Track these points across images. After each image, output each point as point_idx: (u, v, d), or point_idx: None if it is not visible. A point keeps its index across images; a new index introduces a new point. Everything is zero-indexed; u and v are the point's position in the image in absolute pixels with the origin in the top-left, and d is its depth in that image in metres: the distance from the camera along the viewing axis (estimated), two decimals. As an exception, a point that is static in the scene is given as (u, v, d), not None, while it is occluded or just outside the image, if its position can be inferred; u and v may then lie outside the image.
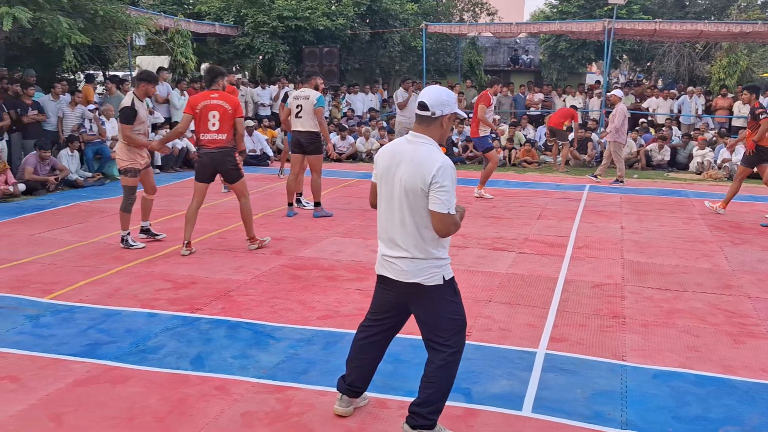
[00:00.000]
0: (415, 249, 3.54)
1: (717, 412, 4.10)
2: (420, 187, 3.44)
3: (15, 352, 4.89)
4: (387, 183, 3.60)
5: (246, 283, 6.52)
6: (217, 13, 19.81)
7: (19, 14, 10.67)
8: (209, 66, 8.27)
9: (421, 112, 3.54)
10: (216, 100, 7.40)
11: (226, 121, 7.38)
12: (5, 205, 10.28)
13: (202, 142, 7.45)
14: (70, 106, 12.77)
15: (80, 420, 3.92)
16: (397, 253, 3.59)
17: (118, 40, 14.30)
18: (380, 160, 3.65)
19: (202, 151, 7.48)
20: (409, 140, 3.57)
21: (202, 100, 7.42)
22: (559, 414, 4.04)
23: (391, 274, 3.64)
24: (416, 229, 3.51)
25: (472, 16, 27.24)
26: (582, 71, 28.73)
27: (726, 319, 5.70)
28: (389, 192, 3.59)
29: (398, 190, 3.53)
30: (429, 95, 3.54)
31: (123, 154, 7.70)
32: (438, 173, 3.39)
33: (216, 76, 7.57)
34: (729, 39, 20.95)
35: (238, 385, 4.38)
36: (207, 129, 7.38)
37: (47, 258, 7.32)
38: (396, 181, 3.54)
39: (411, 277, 3.56)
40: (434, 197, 3.41)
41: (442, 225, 3.44)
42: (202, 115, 7.36)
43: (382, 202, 3.66)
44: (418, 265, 3.55)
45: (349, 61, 21.51)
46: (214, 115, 7.35)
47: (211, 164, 7.49)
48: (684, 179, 14.13)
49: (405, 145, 3.57)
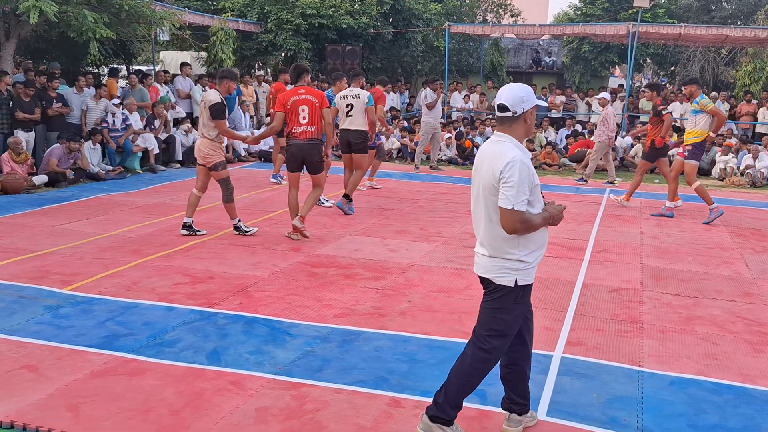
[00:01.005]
0: (489, 246, 3.59)
1: (734, 422, 4.06)
2: (492, 183, 3.48)
3: (34, 341, 4.94)
4: (474, 182, 3.67)
5: (263, 279, 6.54)
6: (241, 9, 19.90)
7: (46, 7, 10.77)
8: (295, 64, 8.70)
9: (502, 114, 3.54)
10: (304, 95, 7.93)
11: (315, 114, 7.92)
12: (28, 196, 10.38)
13: (294, 135, 7.93)
14: (94, 99, 12.88)
15: (96, 411, 3.95)
16: (479, 249, 3.69)
17: (143, 34, 14.39)
18: (475, 161, 3.70)
19: (292, 142, 7.95)
20: (493, 140, 3.62)
21: (291, 96, 7.92)
22: (573, 418, 4.02)
23: (475, 268, 3.72)
24: (492, 226, 3.56)
25: (496, 17, 27.13)
26: (605, 74, 28.54)
27: (745, 327, 5.64)
28: (475, 190, 3.65)
29: (480, 188, 3.59)
30: (507, 96, 3.52)
31: (208, 149, 7.99)
32: (506, 168, 3.40)
33: (301, 72, 8.11)
34: (755, 44, 20.72)
35: (254, 381, 4.40)
36: (298, 122, 7.89)
37: (67, 249, 7.39)
38: (477, 180, 3.62)
39: (485, 271, 3.64)
40: (500, 193, 3.44)
41: (507, 221, 3.44)
42: (293, 109, 7.87)
43: (472, 200, 3.72)
44: (492, 262, 3.60)
45: (372, 60, 21.50)
46: (304, 109, 7.88)
47: (300, 154, 7.96)
48: (706, 185, 13.98)
49: (489, 145, 3.62)
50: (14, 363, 4.57)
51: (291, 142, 7.99)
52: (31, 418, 3.85)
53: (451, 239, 8.33)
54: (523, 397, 3.84)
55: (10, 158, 10.84)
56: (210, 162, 8.01)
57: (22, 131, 11.63)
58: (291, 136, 7.97)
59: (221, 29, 17.07)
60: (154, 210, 9.56)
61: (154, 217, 9.11)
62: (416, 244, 8.06)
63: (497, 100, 3.56)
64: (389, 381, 4.43)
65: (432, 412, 3.69)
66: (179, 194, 10.85)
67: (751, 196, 12.84)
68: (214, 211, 9.62)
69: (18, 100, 11.57)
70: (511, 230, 3.45)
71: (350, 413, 4.00)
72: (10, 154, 10.86)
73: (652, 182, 13.85)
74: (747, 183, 14.00)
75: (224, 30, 17.14)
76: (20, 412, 3.92)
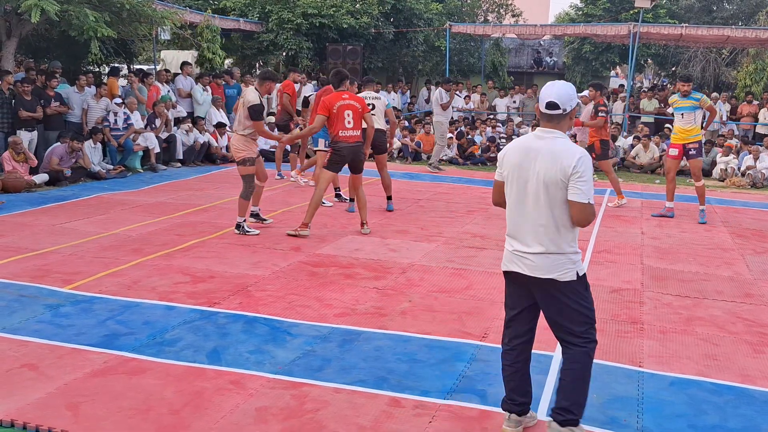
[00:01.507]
0: (550, 244, 3.56)
1: (734, 422, 4.06)
2: (560, 178, 3.48)
3: (34, 340, 4.94)
4: (519, 179, 3.60)
5: (264, 278, 6.55)
6: (242, 8, 19.90)
7: (47, 6, 10.78)
8: (336, 69, 8.94)
9: (551, 111, 3.55)
10: (348, 101, 8.28)
11: (358, 119, 8.31)
12: (28, 195, 10.39)
13: (341, 138, 8.21)
14: (95, 98, 12.88)
15: (96, 410, 3.96)
16: (531, 249, 3.60)
17: (144, 33, 14.41)
18: (509, 157, 3.66)
19: (342, 145, 8.22)
20: (540, 136, 3.59)
21: (336, 101, 8.22)
22: (574, 419, 4.01)
23: (525, 269, 3.64)
24: (553, 223, 3.55)
25: (497, 17, 27.12)
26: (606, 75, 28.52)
27: (746, 328, 5.64)
28: (521, 188, 3.60)
29: (534, 184, 3.54)
30: (557, 94, 3.55)
31: (240, 144, 8.16)
32: (579, 164, 3.46)
33: (343, 78, 8.46)
34: (756, 45, 20.71)
35: (254, 380, 4.40)
36: (344, 126, 8.21)
37: (68, 248, 7.39)
38: (531, 176, 3.55)
39: (546, 272, 3.58)
40: (574, 187, 3.47)
41: (583, 215, 3.51)
42: (338, 114, 8.18)
43: (512, 199, 3.66)
44: (553, 261, 3.57)
45: (373, 59, 21.50)
46: (349, 113, 8.22)
47: (349, 156, 8.32)
48: (706, 186, 13.98)
49: (536, 141, 3.59)
50: (14, 362, 4.58)
51: (340, 145, 8.25)
52: (31, 416, 3.86)
53: (451, 239, 8.33)
54: (524, 396, 3.84)
55: (11, 157, 10.84)
56: (239, 157, 8.20)
57: (25, 131, 11.63)
58: (339, 139, 8.23)
59: (206, 27, 16.96)
60: (154, 209, 9.56)
61: (155, 216, 9.11)
62: (417, 243, 8.06)
63: (546, 98, 3.56)
64: (389, 381, 4.43)
65: (561, 418, 3.68)
66: (180, 193, 10.86)
67: (752, 196, 12.84)
68: (214, 210, 9.63)
69: (20, 99, 11.57)
70: (585, 223, 3.55)
71: (350, 413, 4.00)
72: (11, 153, 10.86)
73: (653, 182, 13.85)
74: (748, 184, 13.99)
75: (210, 28, 17.01)
76: (20, 410, 3.92)
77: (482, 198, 11.29)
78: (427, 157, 15.68)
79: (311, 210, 8.24)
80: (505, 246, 3.76)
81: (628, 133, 17.22)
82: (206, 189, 11.37)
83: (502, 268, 3.79)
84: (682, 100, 9.92)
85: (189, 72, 15.47)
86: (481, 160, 16.02)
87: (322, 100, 8.42)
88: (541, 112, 3.60)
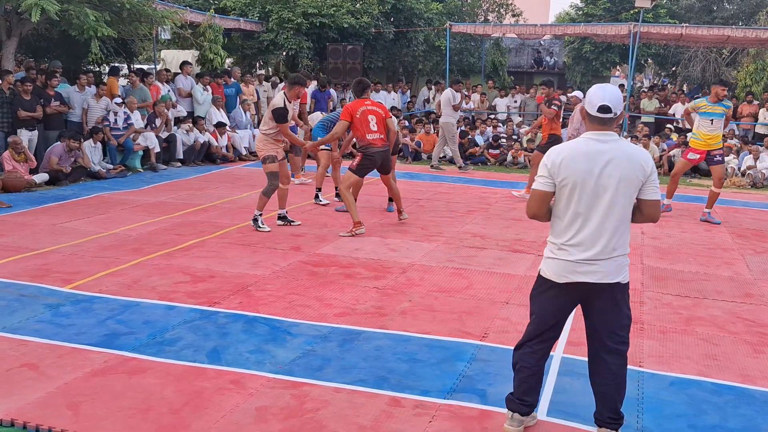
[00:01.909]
0: (620, 246, 3.56)
1: (734, 422, 4.06)
2: (639, 178, 3.50)
3: (35, 340, 4.94)
4: (588, 185, 3.49)
5: (264, 278, 6.55)
6: (242, 8, 19.89)
7: (47, 6, 10.77)
8: (359, 79, 9.16)
9: (604, 114, 3.52)
10: (371, 107, 8.57)
11: (382, 124, 8.55)
12: (28, 194, 10.39)
13: (370, 142, 8.43)
14: (95, 98, 12.88)
15: (96, 409, 3.96)
16: (602, 255, 3.53)
17: (144, 33, 14.40)
18: (572, 165, 3.50)
19: (373, 149, 8.43)
20: (601, 140, 3.52)
21: (359, 107, 8.48)
22: (574, 418, 4.02)
23: (593, 277, 3.55)
24: (623, 224, 3.56)
25: (497, 17, 27.12)
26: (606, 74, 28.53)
27: (746, 328, 5.64)
28: (592, 193, 3.50)
29: (611, 188, 3.48)
30: (610, 98, 3.52)
31: (261, 144, 8.49)
32: (652, 163, 3.55)
33: (366, 87, 8.79)
34: (756, 45, 20.71)
35: (254, 380, 4.40)
36: (370, 130, 8.43)
37: (68, 248, 7.39)
38: (604, 180, 3.48)
39: (614, 276, 3.56)
40: (652, 186, 3.54)
41: (656, 211, 3.61)
42: (362, 119, 8.42)
43: (578, 206, 3.53)
44: (620, 264, 3.57)
45: (373, 59, 21.50)
46: (372, 118, 8.46)
47: (380, 160, 8.52)
48: (707, 185, 13.99)
49: (600, 145, 3.51)
50: (15, 361, 4.58)
51: (371, 150, 8.43)
52: (32, 416, 3.86)
53: (451, 239, 8.33)
54: (535, 397, 3.82)
55: (11, 157, 10.84)
56: (261, 155, 8.47)
57: (26, 130, 11.63)
58: (368, 143, 8.43)
59: (209, 27, 16.97)
60: (154, 209, 9.57)
61: (155, 215, 9.11)
62: (417, 243, 8.06)
63: (598, 101, 3.52)
64: (389, 380, 4.43)
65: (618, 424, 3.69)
66: (180, 193, 10.86)
67: (752, 196, 12.84)
68: (215, 210, 9.63)
69: (19, 99, 11.56)
70: (657, 218, 3.65)
71: (350, 412, 4.01)
72: (11, 153, 10.86)
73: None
74: (748, 184, 13.99)
75: (212, 27, 17.02)
76: (20, 410, 3.92)
77: (482, 198, 11.30)
78: (428, 156, 15.69)
79: (352, 210, 8.41)
80: (559, 257, 3.60)
81: (628, 133, 17.21)
82: (206, 189, 11.37)
83: (559, 280, 3.61)
84: (711, 105, 9.62)
85: (189, 71, 15.47)
86: (481, 160, 16.01)
87: (345, 107, 8.69)
88: (592, 115, 3.55)
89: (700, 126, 9.80)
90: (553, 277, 3.63)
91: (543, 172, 3.59)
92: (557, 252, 3.62)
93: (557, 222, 3.63)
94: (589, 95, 3.60)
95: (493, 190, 12.00)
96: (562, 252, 3.59)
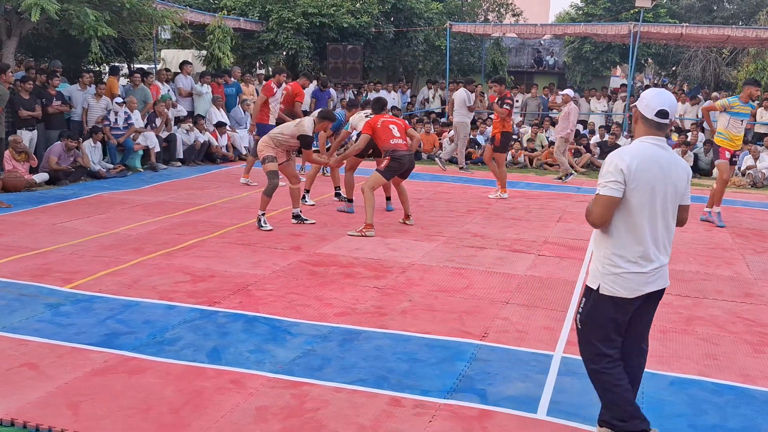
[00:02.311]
0: (670, 251, 3.59)
1: (734, 422, 4.06)
2: (684, 185, 3.55)
3: (35, 339, 4.94)
4: (658, 191, 3.43)
5: (264, 277, 6.55)
6: (242, 8, 19.89)
7: (47, 5, 10.77)
8: (378, 97, 9.61)
9: (662, 119, 3.46)
10: (390, 119, 9.02)
11: (403, 132, 8.82)
12: (28, 194, 10.39)
13: (396, 146, 8.61)
14: (95, 97, 12.87)
15: (96, 409, 3.96)
16: (663, 262, 3.53)
17: (144, 33, 14.40)
18: (644, 171, 3.39)
19: (400, 153, 8.58)
20: (661, 145, 3.49)
21: (379, 119, 8.85)
22: (574, 418, 4.02)
23: (659, 285, 3.53)
24: (673, 230, 3.61)
25: (497, 17, 27.13)
26: (606, 74, 28.57)
27: (746, 328, 5.64)
28: (659, 200, 3.44)
29: (671, 194, 3.48)
30: (670, 103, 3.46)
31: (262, 145, 8.65)
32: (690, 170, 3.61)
33: (384, 104, 9.29)
34: (757, 44, 20.72)
35: (254, 380, 4.40)
36: (393, 136, 8.67)
37: (68, 248, 7.39)
38: (668, 188, 3.45)
39: (666, 281, 3.58)
40: (689, 192, 3.61)
41: (688, 214, 3.72)
42: (383, 127, 8.71)
43: (649, 214, 3.44)
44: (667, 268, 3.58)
45: (373, 59, 21.50)
46: (393, 127, 8.74)
47: (408, 163, 8.69)
48: (706, 185, 13.99)
49: (660, 151, 3.47)
50: (15, 361, 4.58)
51: (399, 153, 8.56)
52: (32, 416, 3.86)
53: (451, 239, 8.33)
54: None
55: (12, 156, 10.83)
56: (260, 155, 8.60)
57: (26, 130, 11.62)
58: (394, 147, 8.59)
59: (218, 27, 16.99)
60: (154, 208, 9.56)
61: (155, 215, 9.11)
62: (417, 243, 8.06)
63: (657, 106, 3.44)
64: (389, 380, 4.43)
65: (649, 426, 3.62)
66: (180, 192, 10.86)
67: (752, 196, 12.84)
68: (215, 209, 9.63)
69: (19, 98, 11.55)
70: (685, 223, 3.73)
71: (350, 412, 4.01)
72: (11, 152, 10.86)
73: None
74: (748, 183, 13.99)
75: (221, 28, 17.05)
76: (20, 410, 3.92)
77: (482, 198, 11.30)
78: (428, 156, 15.72)
79: (369, 211, 8.44)
80: (630, 270, 3.45)
81: (629, 133, 17.20)
82: (206, 188, 11.37)
83: (633, 295, 3.47)
84: (744, 106, 9.45)
85: (189, 71, 15.47)
86: (480, 160, 15.98)
87: (367, 122, 8.92)
88: (648, 119, 3.47)
89: (729, 126, 9.51)
90: (626, 293, 3.46)
91: (617, 177, 3.38)
92: (627, 265, 3.45)
93: (622, 232, 3.46)
94: (646, 99, 3.50)
95: (494, 189, 11.97)
96: (633, 265, 3.45)
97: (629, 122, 18.69)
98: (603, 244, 3.53)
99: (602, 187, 3.42)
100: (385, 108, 9.20)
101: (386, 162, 8.59)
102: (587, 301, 3.58)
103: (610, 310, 3.50)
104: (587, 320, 3.58)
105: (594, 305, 3.54)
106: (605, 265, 3.49)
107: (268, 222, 8.52)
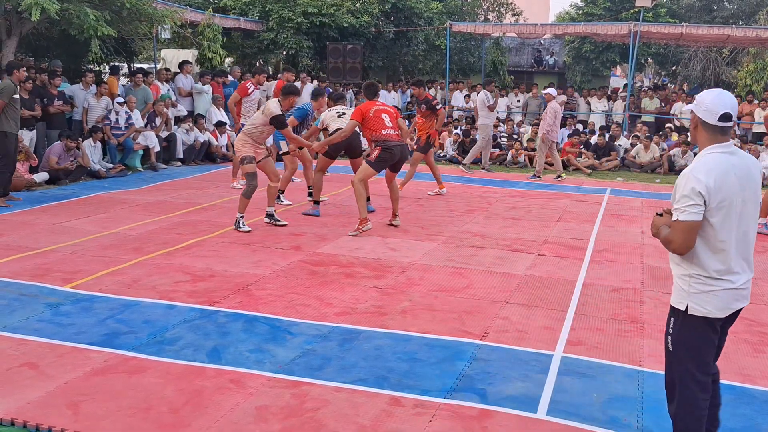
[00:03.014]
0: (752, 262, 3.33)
1: (734, 422, 4.06)
2: (759, 187, 3.30)
3: (35, 339, 4.94)
4: (733, 204, 3.18)
5: (264, 277, 6.55)
6: (242, 8, 19.90)
7: (47, 5, 10.77)
8: (369, 82, 9.39)
9: (726, 123, 3.19)
10: (382, 106, 8.74)
11: (395, 121, 8.61)
12: (28, 193, 10.39)
13: (388, 136, 8.43)
14: (95, 97, 12.87)
15: (97, 409, 3.96)
16: (749, 276, 3.29)
17: (144, 32, 14.40)
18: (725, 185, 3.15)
19: (391, 143, 8.40)
20: (731, 152, 3.22)
21: (371, 106, 8.59)
22: (573, 418, 4.02)
23: (746, 301, 3.31)
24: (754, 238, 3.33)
25: (497, 16, 27.14)
26: (606, 74, 28.55)
27: (746, 328, 5.64)
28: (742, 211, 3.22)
29: (750, 202, 3.24)
30: (731, 105, 3.20)
31: (240, 144, 8.47)
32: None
33: (377, 90, 9.10)
34: (756, 44, 20.72)
35: (254, 379, 4.40)
36: (385, 125, 8.46)
37: (68, 247, 7.39)
38: (746, 193, 3.21)
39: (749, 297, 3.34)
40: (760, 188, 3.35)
41: None
42: (375, 116, 8.47)
43: (736, 227, 3.20)
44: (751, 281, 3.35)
45: (373, 58, 21.51)
46: (385, 117, 8.52)
47: (399, 154, 8.50)
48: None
49: (732, 158, 3.20)
50: (15, 360, 4.58)
51: (390, 144, 8.39)
52: (32, 415, 3.86)
53: (451, 238, 8.32)
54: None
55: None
56: (239, 155, 8.48)
57: (26, 129, 11.61)
58: (386, 137, 8.41)
59: (208, 26, 16.94)
60: (154, 208, 9.57)
61: (155, 215, 9.11)
62: (417, 242, 8.06)
63: (720, 109, 3.18)
64: (389, 380, 4.43)
65: None
66: (180, 192, 10.86)
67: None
68: (215, 209, 9.63)
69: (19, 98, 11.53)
70: None
71: (350, 412, 4.00)
72: (11, 151, 10.85)
73: (653, 182, 13.84)
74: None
75: (211, 27, 16.98)
76: (20, 409, 3.92)
77: (482, 197, 11.30)
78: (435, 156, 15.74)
79: (361, 205, 8.37)
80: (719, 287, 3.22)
81: (629, 133, 17.21)
82: (206, 188, 11.37)
83: (723, 314, 3.27)
84: None
85: (189, 71, 15.47)
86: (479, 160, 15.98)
87: (358, 107, 8.72)
88: (711, 125, 3.20)
89: None
90: (717, 312, 3.24)
91: (696, 200, 3.12)
92: (715, 282, 3.21)
93: (706, 250, 3.21)
94: (705, 103, 3.23)
95: (493, 189, 12.00)
96: (722, 282, 3.21)
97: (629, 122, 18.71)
98: (686, 263, 3.28)
99: (681, 212, 3.16)
100: (378, 94, 8.98)
101: (377, 152, 8.40)
102: (675, 322, 3.35)
103: (702, 331, 3.29)
104: (678, 343, 3.36)
105: (682, 327, 3.32)
106: (692, 284, 3.26)
107: (246, 224, 8.42)
